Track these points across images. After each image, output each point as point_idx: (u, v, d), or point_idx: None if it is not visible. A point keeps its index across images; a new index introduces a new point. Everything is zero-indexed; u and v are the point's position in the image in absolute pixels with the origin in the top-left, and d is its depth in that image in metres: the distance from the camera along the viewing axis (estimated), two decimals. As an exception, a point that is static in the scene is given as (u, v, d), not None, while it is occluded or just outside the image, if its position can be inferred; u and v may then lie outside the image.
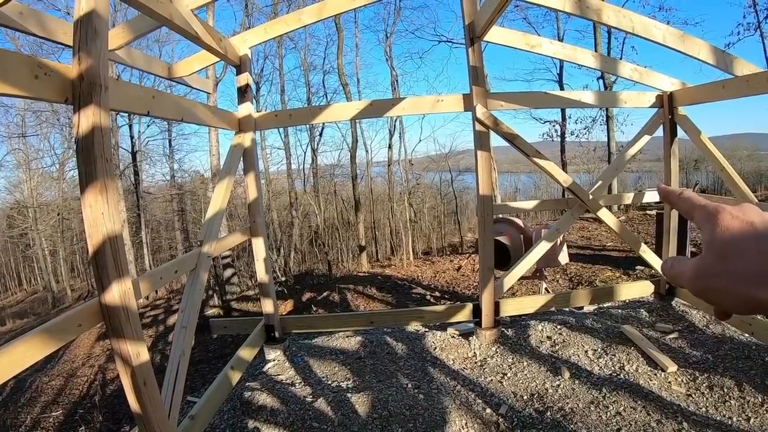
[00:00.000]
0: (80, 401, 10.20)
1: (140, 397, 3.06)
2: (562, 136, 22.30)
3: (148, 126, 25.41)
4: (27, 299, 34.48)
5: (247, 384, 5.36)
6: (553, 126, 22.26)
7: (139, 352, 3.02)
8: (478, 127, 5.60)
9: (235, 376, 5.17)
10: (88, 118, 2.78)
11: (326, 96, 23.88)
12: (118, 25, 4.64)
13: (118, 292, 2.90)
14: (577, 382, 4.87)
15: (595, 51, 17.25)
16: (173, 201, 27.00)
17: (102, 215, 2.80)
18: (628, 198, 7.01)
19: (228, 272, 15.77)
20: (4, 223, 37.26)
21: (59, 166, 28.79)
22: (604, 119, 21.17)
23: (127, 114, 19.92)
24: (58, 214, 28.83)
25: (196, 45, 4.71)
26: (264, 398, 4.95)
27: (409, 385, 5.09)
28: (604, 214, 6.06)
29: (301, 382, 5.37)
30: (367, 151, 23.62)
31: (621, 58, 16.42)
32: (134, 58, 5.26)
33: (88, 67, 2.76)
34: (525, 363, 5.36)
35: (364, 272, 16.91)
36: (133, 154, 24.18)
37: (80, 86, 2.77)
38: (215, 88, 16.68)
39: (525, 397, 4.74)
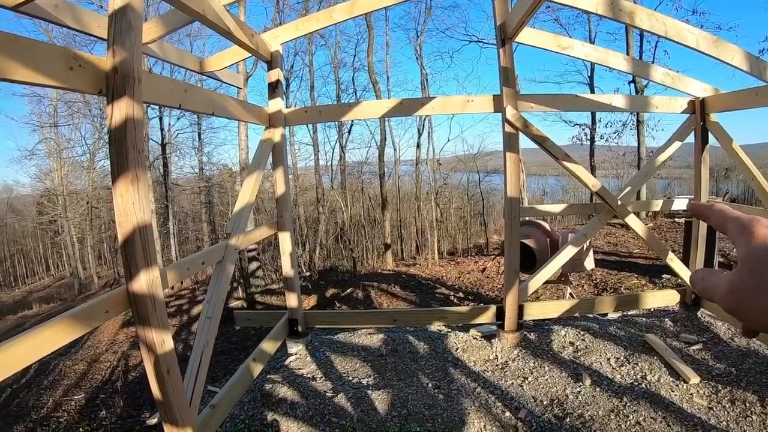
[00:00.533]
0: (102, 386, 10.38)
1: (163, 385, 3.11)
2: (592, 139, 22.02)
3: (178, 119, 25.75)
4: (54, 284, 35.24)
5: (269, 376, 5.41)
6: (583, 129, 21.98)
7: (164, 340, 3.07)
8: (508, 128, 5.56)
9: (257, 368, 5.21)
10: (121, 110, 2.83)
11: (356, 93, 23.94)
12: (151, 19, 4.72)
13: (145, 281, 2.95)
14: (598, 389, 4.82)
15: (627, 54, 17.02)
16: (201, 193, 27.27)
17: (132, 205, 2.85)
18: (657, 205, 6.92)
19: (253, 265, 15.91)
20: (34, 209, 38.16)
21: (90, 156, 29.31)
22: (635, 124, 20.82)
23: (158, 106, 20.17)
24: (88, 203, 29.32)
25: (228, 40, 4.77)
26: (284, 391, 5.00)
27: (430, 385, 5.09)
28: (632, 220, 5.99)
29: (321, 377, 5.41)
30: (395, 150, 23.64)
31: (653, 62, 16.21)
32: (166, 51, 5.34)
33: (122, 60, 2.81)
34: (546, 368, 5.33)
35: (389, 270, 16.89)
36: (163, 145, 24.49)
37: (114, 78, 2.81)
38: (245, 83, 16.80)
39: (545, 402, 4.71)
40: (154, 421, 6.70)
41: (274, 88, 5.82)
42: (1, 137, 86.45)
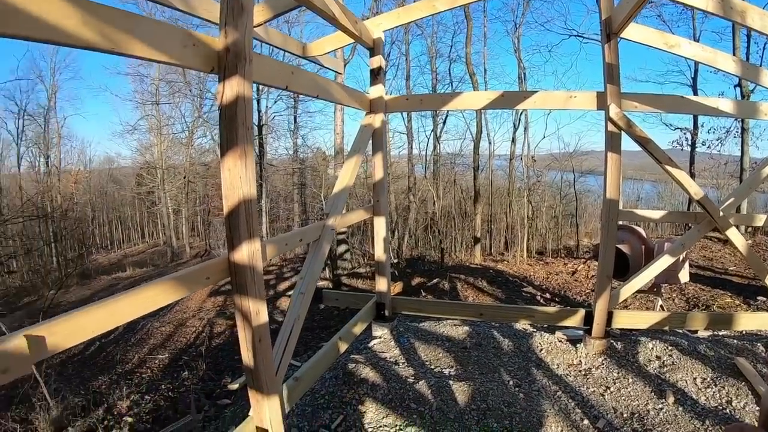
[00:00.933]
0: (186, 349, 10.87)
1: (254, 353, 3.24)
2: (693, 145, 20.80)
3: (275, 102, 26.33)
4: (148, 251, 37.22)
5: (352, 356, 5.52)
6: (684, 134, 20.80)
7: (259, 310, 3.20)
8: (611, 127, 5.38)
9: (342, 347, 5.32)
10: (232, 88, 2.97)
11: (452, 84, 23.56)
12: (258, 3, 4.87)
13: (247, 252, 3.08)
14: (680, 408, 4.60)
15: (734, 55, 15.99)
16: (294, 175, 27.72)
17: (239, 179, 2.99)
18: (761, 219, 6.53)
19: (342, 248, 16.14)
20: (134, 180, 40.65)
21: (188, 133, 30.77)
22: (739, 131, 19.47)
23: (256, 88, 20.76)
24: (184, 177, 30.73)
25: (332, 26, 4.87)
26: (367, 372, 5.08)
27: (511, 383, 5.04)
28: (733, 234, 5.67)
29: (404, 363, 5.46)
30: (490, 143, 23.22)
31: (761, 65, 15.17)
32: (271, 35, 5.53)
33: (234, 41, 2.94)
34: (630, 380, 5.14)
35: (477, 264, 16.70)
36: (260, 127, 25.13)
37: (226, 58, 2.96)
38: (343, 69, 17.00)
39: (625, 415, 4.55)
40: (235, 386, 6.95)
41: (375, 75, 5.89)
42: (106, 113, 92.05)
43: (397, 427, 4.34)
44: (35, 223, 26.46)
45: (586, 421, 4.45)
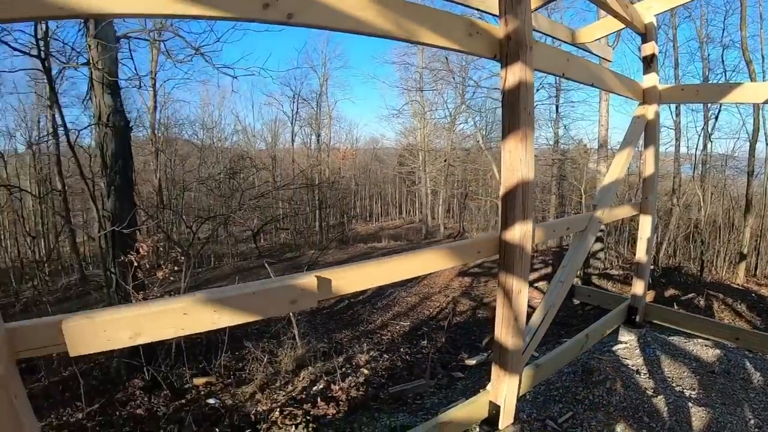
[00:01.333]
0: (427, 321, 11.37)
1: (507, 330, 3.39)
2: None
3: (537, 90, 25.97)
4: (403, 226, 40.23)
5: (594, 356, 5.37)
6: None
7: (521, 289, 3.33)
8: None
9: (587, 345, 5.26)
10: (514, 74, 3.11)
11: (725, 74, 20.27)
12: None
13: (519, 232, 3.22)
14: None
15: None
16: (553, 166, 27.27)
17: (519, 161, 3.15)
18: None
19: (597, 246, 15.47)
20: (396, 160, 44.28)
21: (450, 119, 32.18)
22: None
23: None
24: (445, 161, 32.27)
25: (603, 10, 4.84)
26: (606, 375, 4.94)
27: (752, 422, 4.46)
28: None
29: (645, 374, 5.17)
30: (767, 145, 20.12)
31: None
32: (539, 22, 5.51)
33: (515, 29, 3.07)
34: None
35: (737, 284, 14.76)
36: (520, 116, 25.16)
37: (507, 45, 3.10)
38: (612, 57, 16.15)
39: None
40: (472, 362, 7.23)
41: (649, 63, 5.58)
42: (373, 98, 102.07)
43: (623, 437, 4.19)
44: (304, 191, 30.52)
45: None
